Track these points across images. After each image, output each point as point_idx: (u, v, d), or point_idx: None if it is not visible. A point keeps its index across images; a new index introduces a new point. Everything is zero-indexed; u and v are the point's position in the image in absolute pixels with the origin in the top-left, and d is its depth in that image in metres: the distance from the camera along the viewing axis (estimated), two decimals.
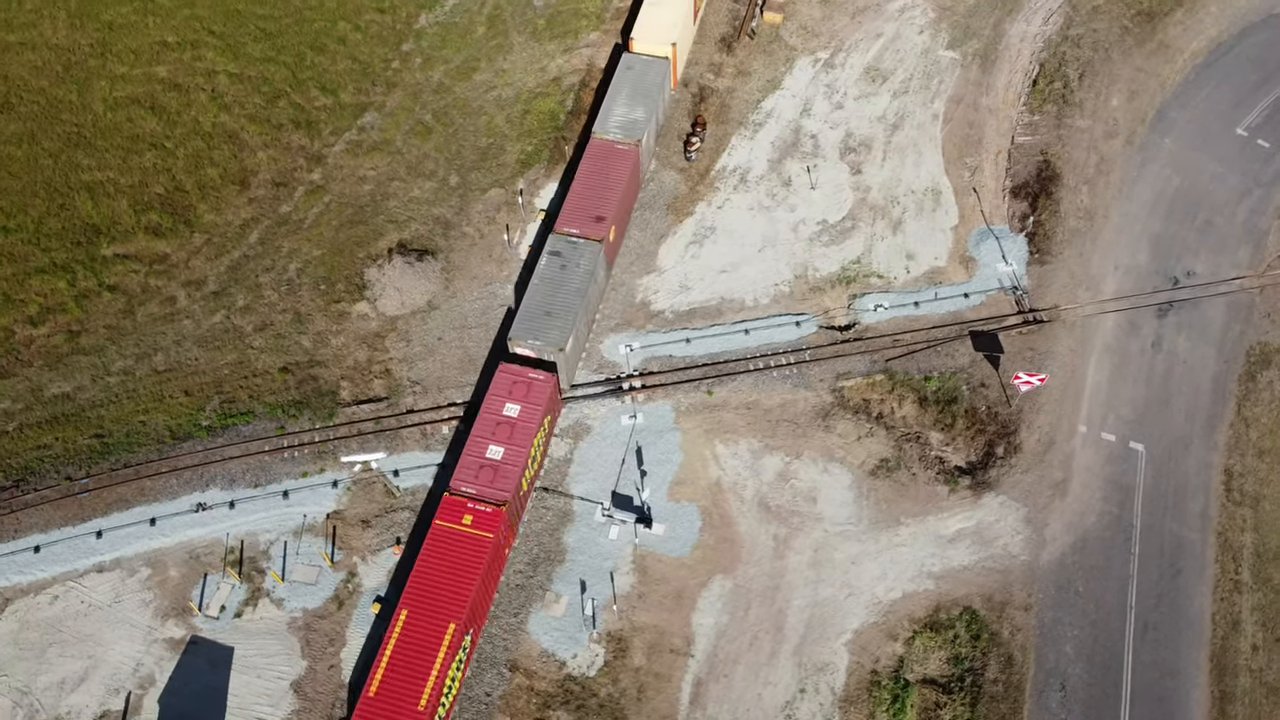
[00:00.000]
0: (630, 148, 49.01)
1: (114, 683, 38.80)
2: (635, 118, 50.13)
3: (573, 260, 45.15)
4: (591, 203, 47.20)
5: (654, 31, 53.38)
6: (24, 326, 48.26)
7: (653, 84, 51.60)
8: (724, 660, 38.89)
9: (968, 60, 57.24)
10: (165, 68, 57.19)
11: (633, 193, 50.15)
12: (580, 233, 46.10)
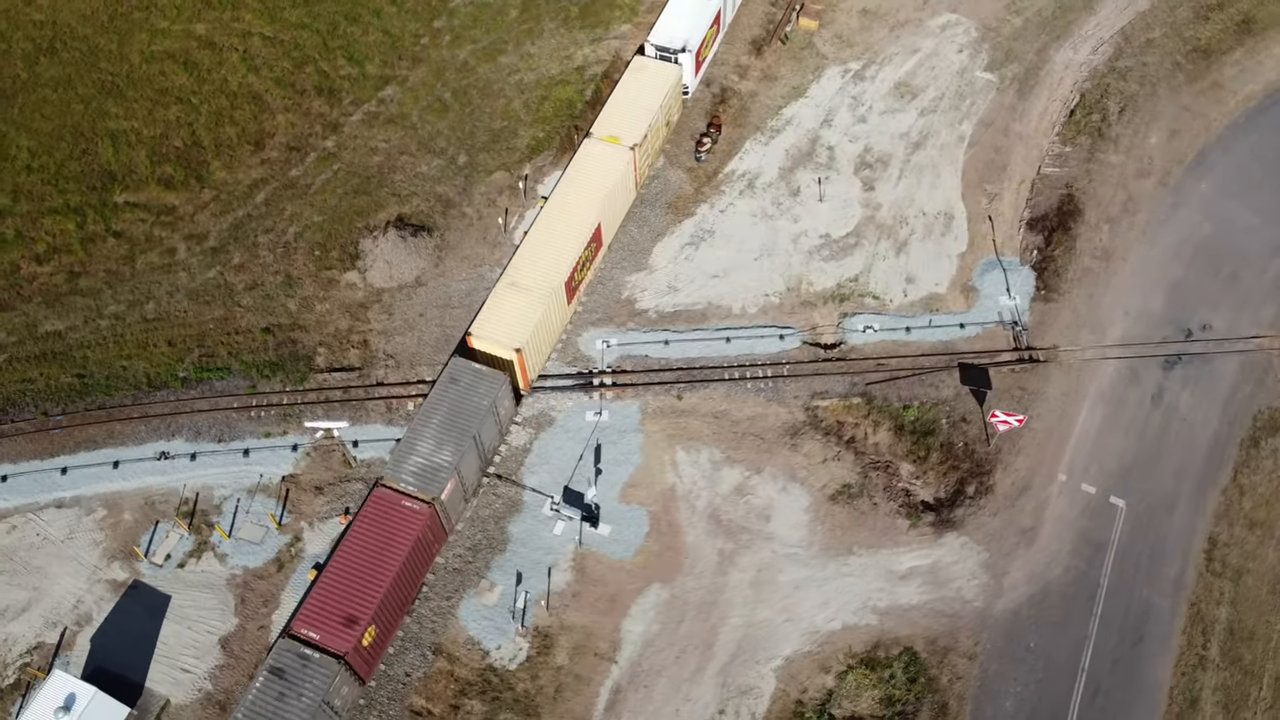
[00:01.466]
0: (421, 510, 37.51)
1: (53, 616, 39.65)
2: (439, 462, 38.58)
3: None
4: None
5: (499, 328, 42.42)
6: (30, 263, 49.69)
7: (475, 409, 39.95)
8: (647, 670, 38.02)
9: (1005, 84, 55.04)
10: (204, 25, 58.33)
11: None
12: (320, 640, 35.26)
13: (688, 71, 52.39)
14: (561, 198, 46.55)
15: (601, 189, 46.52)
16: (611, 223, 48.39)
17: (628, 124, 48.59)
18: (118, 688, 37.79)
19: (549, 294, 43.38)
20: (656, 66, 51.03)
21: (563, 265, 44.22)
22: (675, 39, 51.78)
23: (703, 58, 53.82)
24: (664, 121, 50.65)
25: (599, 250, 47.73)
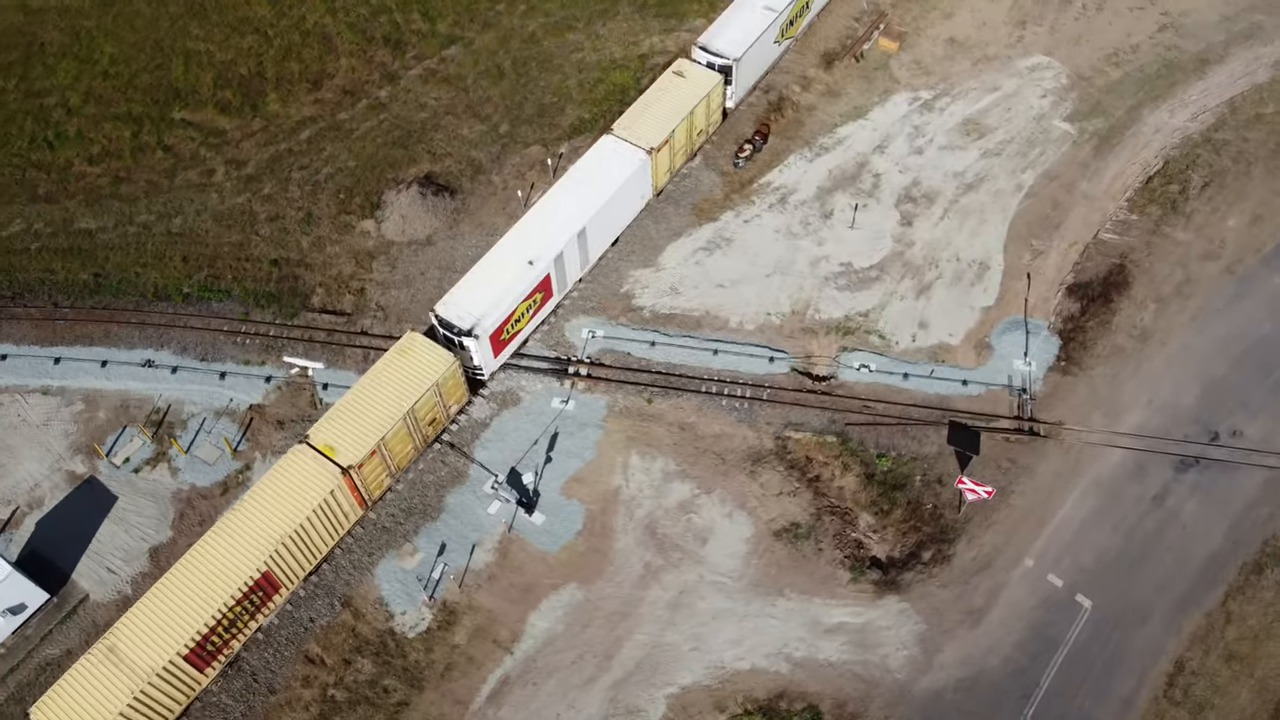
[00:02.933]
0: None
1: (10, 494, 41.42)
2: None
3: None
4: None
5: None
6: (82, 162, 52.10)
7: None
8: (540, 668, 37.02)
9: (1083, 138, 51.24)
10: None
11: None
12: None
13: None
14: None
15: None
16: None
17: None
18: (46, 574, 39.19)
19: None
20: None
21: None
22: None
23: None
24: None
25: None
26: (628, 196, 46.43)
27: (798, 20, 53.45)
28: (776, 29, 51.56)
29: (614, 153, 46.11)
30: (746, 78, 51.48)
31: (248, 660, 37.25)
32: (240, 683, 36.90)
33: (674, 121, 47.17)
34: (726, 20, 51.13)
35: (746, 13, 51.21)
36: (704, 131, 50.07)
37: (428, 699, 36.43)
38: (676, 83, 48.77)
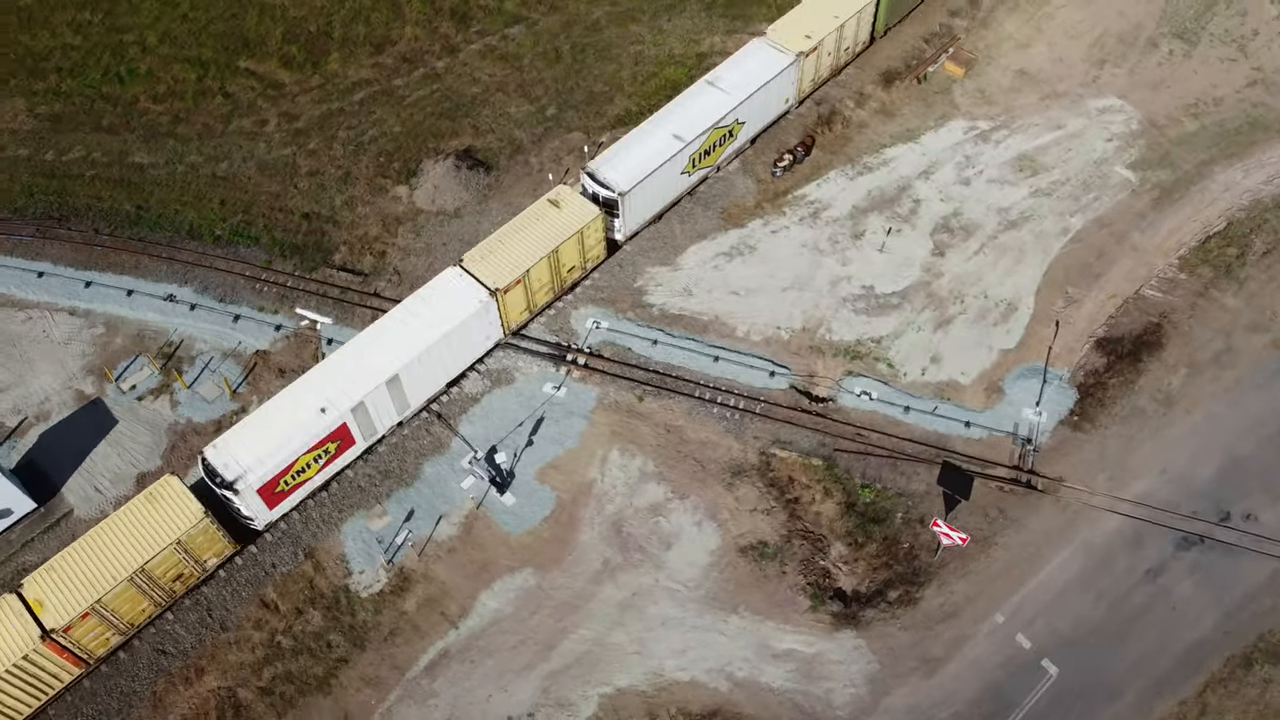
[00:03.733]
0: None
1: (21, 404, 43.29)
2: None
3: None
4: None
5: None
6: (147, 100, 54.15)
7: None
8: (481, 648, 36.97)
9: (1144, 187, 48.75)
10: None
11: None
12: None
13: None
14: None
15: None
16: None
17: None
18: (38, 484, 40.87)
19: None
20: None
21: None
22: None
23: None
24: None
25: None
26: (467, 338, 41.20)
27: (718, 149, 47.39)
28: (685, 159, 45.66)
29: (457, 288, 40.70)
30: (642, 210, 45.74)
31: (206, 595, 38.13)
32: (195, 616, 37.81)
33: (532, 259, 41.46)
34: (627, 145, 45.28)
35: (650, 139, 45.29)
36: (579, 268, 44.50)
37: (367, 659, 36.74)
38: (549, 213, 43.18)
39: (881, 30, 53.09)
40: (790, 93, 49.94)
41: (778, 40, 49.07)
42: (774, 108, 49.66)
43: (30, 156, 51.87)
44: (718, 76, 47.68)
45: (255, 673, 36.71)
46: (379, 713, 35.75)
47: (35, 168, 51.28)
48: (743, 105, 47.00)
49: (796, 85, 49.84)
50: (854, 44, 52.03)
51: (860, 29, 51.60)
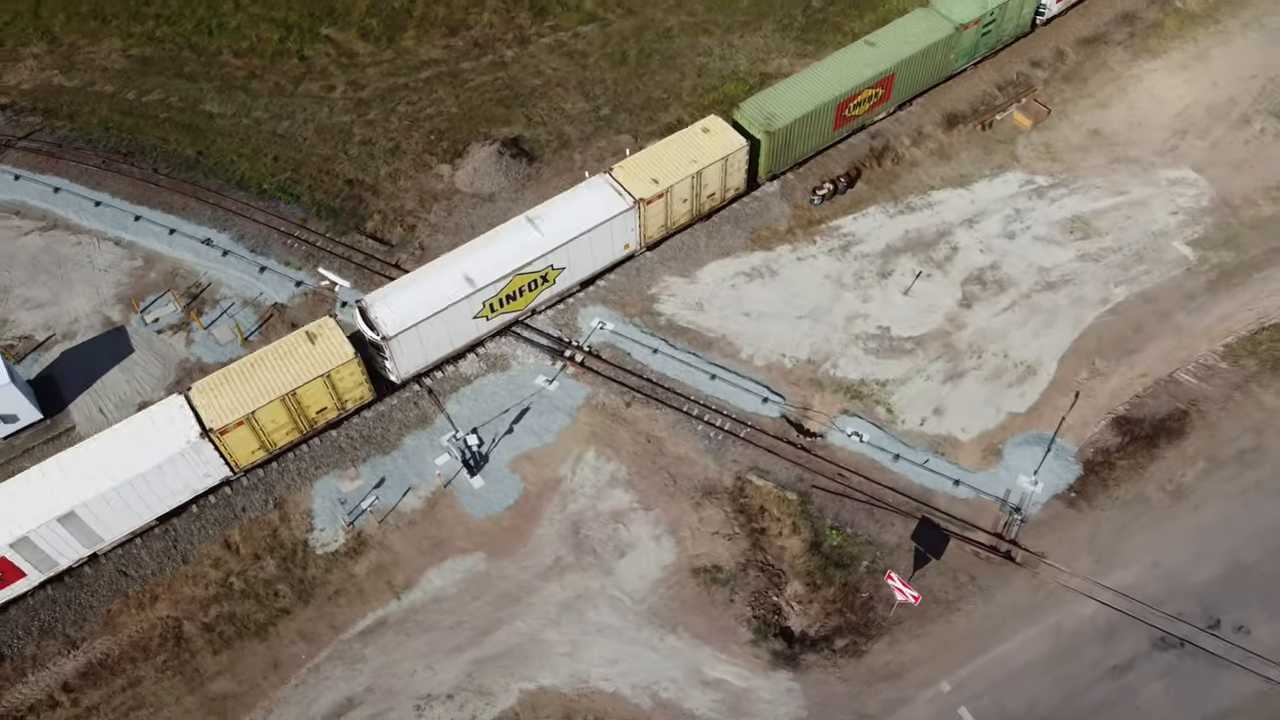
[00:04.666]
0: None
1: (52, 322, 45.70)
2: None
3: None
4: None
5: None
6: (229, 54, 56.65)
7: None
8: (418, 623, 37.22)
9: (1201, 267, 46.03)
10: None
11: None
12: None
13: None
14: None
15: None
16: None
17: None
18: (50, 397, 43.06)
19: None
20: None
21: None
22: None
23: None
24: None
25: None
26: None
27: (529, 294, 42.74)
28: (478, 304, 41.11)
29: (167, 423, 37.71)
30: (421, 353, 41.31)
31: (177, 527, 39.45)
32: (161, 545, 39.16)
33: (267, 397, 37.91)
34: (415, 280, 41.07)
35: (440, 277, 40.86)
36: (332, 409, 40.28)
37: (307, 614, 37.40)
38: (302, 347, 39.22)
39: (765, 176, 47.76)
40: (631, 239, 44.41)
41: (620, 180, 43.62)
42: (607, 254, 44.21)
43: (114, 93, 54.80)
44: (540, 215, 42.50)
45: (203, 608, 37.78)
46: (307, 667, 36.33)
47: (116, 104, 54.13)
48: (560, 250, 41.97)
49: (639, 232, 44.38)
50: (722, 191, 46.21)
51: (730, 176, 45.83)
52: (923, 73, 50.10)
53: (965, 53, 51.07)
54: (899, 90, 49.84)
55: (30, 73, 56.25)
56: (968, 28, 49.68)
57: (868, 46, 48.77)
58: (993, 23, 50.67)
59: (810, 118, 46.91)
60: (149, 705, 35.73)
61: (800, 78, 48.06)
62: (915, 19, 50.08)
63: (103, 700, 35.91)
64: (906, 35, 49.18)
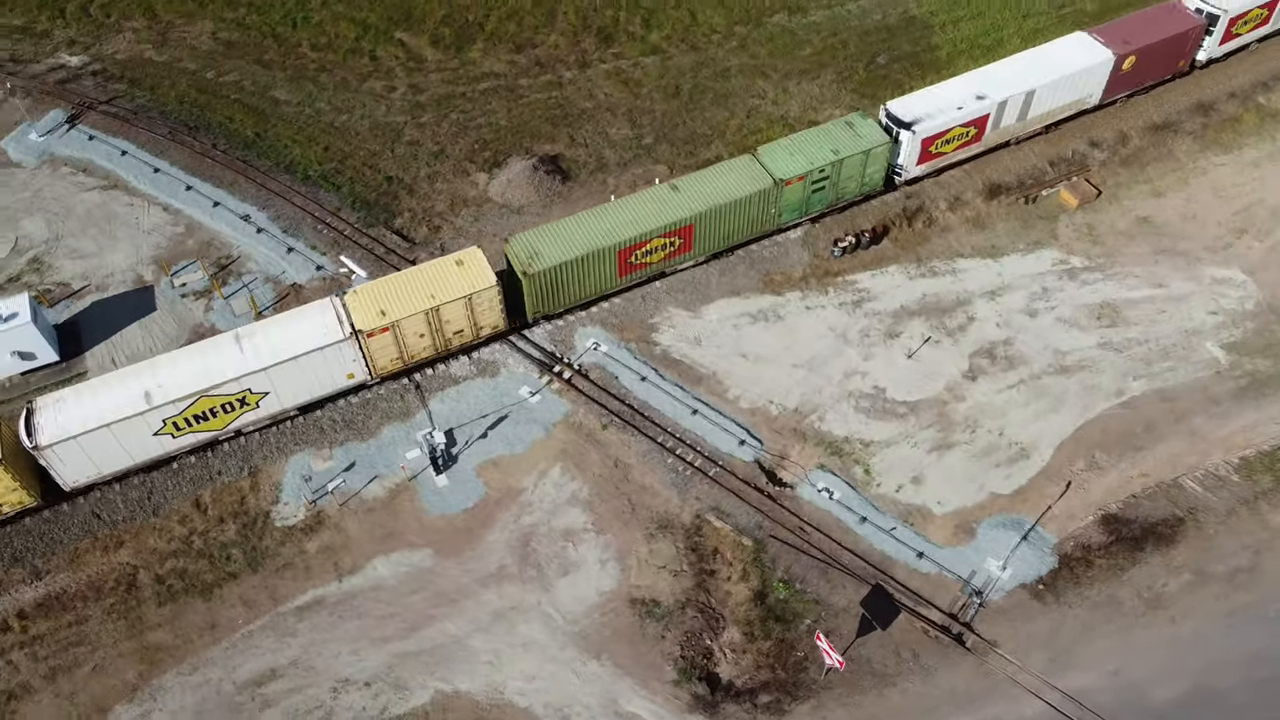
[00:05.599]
0: None
1: (90, 273, 48.42)
2: None
3: None
4: None
5: None
6: (307, 46, 59.50)
7: None
8: (354, 608, 37.70)
9: (1232, 373, 43.54)
10: None
11: None
12: None
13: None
14: None
15: None
16: None
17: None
18: (70, 341, 45.53)
19: None
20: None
21: None
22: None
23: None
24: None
25: None
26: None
27: (226, 415, 39.73)
28: (158, 421, 38.28)
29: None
30: (90, 464, 38.73)
31: (155, 480, 41.02)
32: (137, 495, 40.75)
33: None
34: (93, 389, 38.62)
35: (122, 389, 38.29)
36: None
37: (251, 582, 38.32)
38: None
39: (531, 318, 44.28)
40: (355, 369, 40.99)
41: (348, 307, 40.47)
42: (326, 382, 40.84)
43: (195, 71, 58.09)
44: (251, 333, 39.74)
45: (161, 561, 39.12)
46: (241, 632, 37.17)
47: (194, 81, 57.35)
48: (259, 375, 38.95)
49: (365, 363, 41.05)
50: (473, 329, 42.41)
51: (481, 314, 42.02)
52: (736, 225, 45.41)
53: (793, 208, 46.34)
54: (704, 241, 45.29)
55: (127, 44, 60.09)
56: (790, 183, 45.08)
57: (671, 191, 44.50)
58: (823, 180, 45.98)
59: (584, 262, 42.73)
60: (88, 643, 37.05)
61: (583, 217, 43.89)
62: (733, 168, 45.44)
63: (49, 632, 37.40)
64: (717, 185, 44.66)
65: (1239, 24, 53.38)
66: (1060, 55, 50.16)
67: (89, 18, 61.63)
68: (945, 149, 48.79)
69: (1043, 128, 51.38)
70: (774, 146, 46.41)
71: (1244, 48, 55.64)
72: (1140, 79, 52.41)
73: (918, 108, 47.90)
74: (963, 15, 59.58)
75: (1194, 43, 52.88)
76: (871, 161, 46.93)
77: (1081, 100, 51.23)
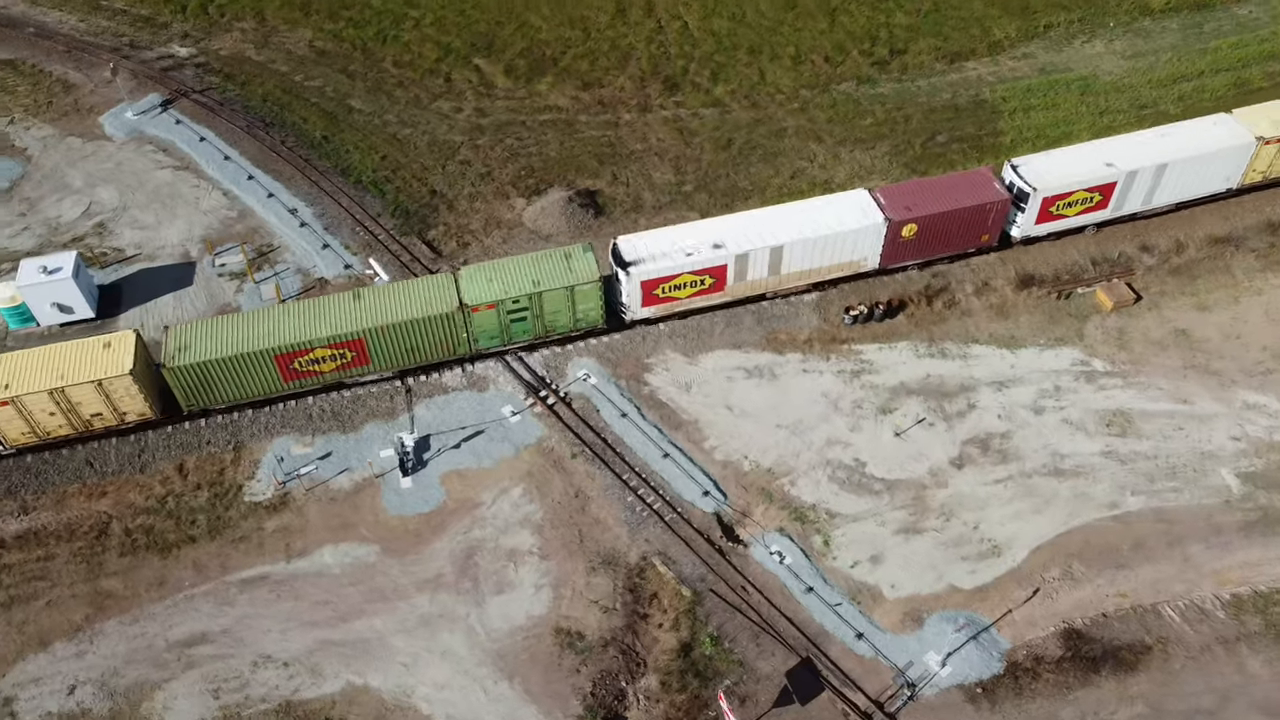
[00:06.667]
0: None
1: (144, 244, 51.85)
2: None
3: None
4: None
5: None
6: (390, 62, 62.84)
7: None
8: (293, 589, 38.76)
9: (1242, 504, 40.78)
10: None
11: None
12: None
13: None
14: None
15: None
16: None
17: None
18: (109, 303, 48.88)
19: None
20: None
21: None
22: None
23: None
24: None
25: None
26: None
27: None
28: None
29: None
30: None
31: (148, 440, 43.34)
32: (129, 450, 43.12)
33: None
34: None
35: None
36: None
37: (207, 549, 39.91)
38: None
39: (185, 409, 42.54)
40: None
41: None
42: None
43: (286, 73, 61.93)
44: None
45: (134, 515, 41.19)
46: (186, 594, 38.70)
47: (282, 83, 61.13)
48: None
49: None
50: (115, 414, 41.39)
51: (121, 400, 41.10)
52: (420, 344, 43.27)
53: (490, 335, 43.97)
54: (382, 357, 43.17)
55: (232, 42, 64.59)
56: (478, 310, 42.79)
57: (351, 301, 42.91)
58: (522, 311, 43.48)
59: (235, 363, 41.08)
60: (49, 579, 39.20)
61: (249, 317, 42.58)
62: (428, 284, 43.68)
63: (18, 563, 39.76)
64: (399, 301, 42.91)
65: (1059, 205, 47.27)
66: (832, 211, 45.91)
67: (205, 15, 66.52)
68: (677, 294, 45.08)
69: (808, 285, 47.08)
70: (476, 269, 44.07)
71: (1079, 229, 49.43)
72: (933, 249, 47.37)
73: (644, 247, 44.44)
74: (1036, 104, 58.27)
75: (997, 218, 47.02)
76: (580, 299, 43.87)
77: (856, 263, 46.68)
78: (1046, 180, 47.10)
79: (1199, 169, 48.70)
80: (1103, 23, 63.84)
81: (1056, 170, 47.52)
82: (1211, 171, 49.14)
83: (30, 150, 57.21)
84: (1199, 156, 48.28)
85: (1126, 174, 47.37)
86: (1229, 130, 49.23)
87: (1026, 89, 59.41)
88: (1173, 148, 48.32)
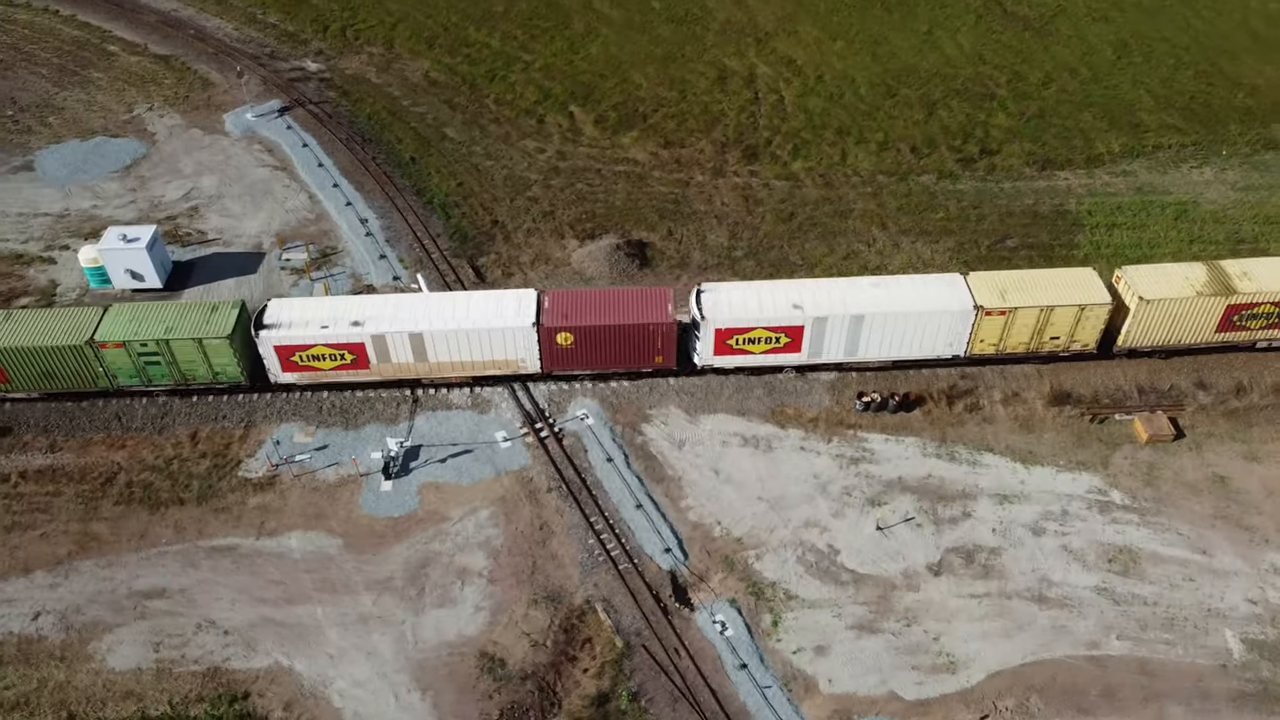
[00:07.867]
0: None
1: (225, 230, 55.99)
2: None
3: None
4: None
5: None
6: (491, 100, 66.13)
7: None
8: (254, 564, 40.29)
9: (1242, 671, 37.30)
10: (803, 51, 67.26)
11: None
12: None
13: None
14: None
15: None
16: None
17: None
18: (178, 277, 52.89)
19: None
20: None
21: None
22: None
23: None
24: None
25: None
26: None
27: None
28: None
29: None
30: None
31: (171, 405, 46.46)
32: (155, 412, 46.32)
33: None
34: None
35: None
36: None
37: (191, 513, 42.21)
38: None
39: None
40: None
41: None
42: None
43: (396, 98, 66.09)
44: None
45: (141, 470, 44.08)
46: (159, 549, 40.99)
47: (390, 105, 65.26)
48: None
49: None
50: None
51: None
52: (55, 371, 44.14)
53: (129, 374, 44.51)
54: (21, 380, 44.33)
55: (359, 64, 69.50)
56: (106, 347, 43.39)
57: (2, 320, 44.42)
58: (155, 355, 43.90)
59: None
60: (49, 513, 42.30)
61: None
62: (73, 315, 44.71)
63: (30, 493, 43.10)
64: (39, 327, 43.98)
65: (739, 339, 44.95)
66: (485, 307, 45.22)
67: (343, 37, 71.90)
68: (319, 364, 44.89)
69: (469, 379, 45.95)
70: (131, 307, 45.28)
71: (777, 370, 46.77)
72: (598, 362, 45.52)
73: (288, 314, 44.89)
74: (1123, 222, 55.84)
75: (667, 341, 44.76)
76: (213, 352, 44.08)
77: (514, 361, 45.54)
78: (720, 312, 44.70)
79: (910, 327, 45.03)
80: (1217, 150, 60.69)
81: (739, 303, 44.92)
82: (928, 333, 45.30)
83: (158, 135, 62.89)
84: (905, 314, 44.60)
85: (814, 319, 44.32)
86: (952, 293, 45.39)
87: (1116, 205, 57.03)
88: (878, 300, 44.88)
